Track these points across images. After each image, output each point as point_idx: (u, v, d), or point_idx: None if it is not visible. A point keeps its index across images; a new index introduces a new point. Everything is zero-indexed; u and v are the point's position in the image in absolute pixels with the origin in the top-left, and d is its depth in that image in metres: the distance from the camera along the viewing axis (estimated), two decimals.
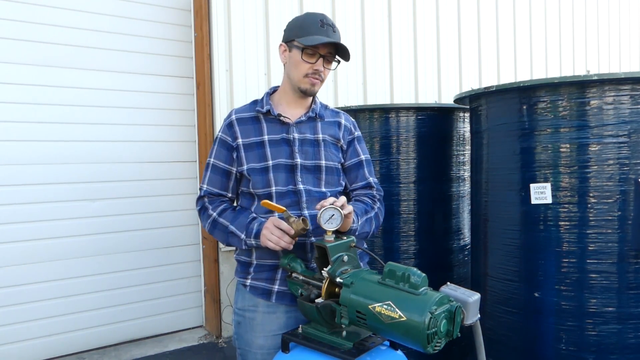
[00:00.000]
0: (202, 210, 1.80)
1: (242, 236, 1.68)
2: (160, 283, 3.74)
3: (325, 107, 1.89)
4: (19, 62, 3.22)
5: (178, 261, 3.82)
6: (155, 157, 3.69)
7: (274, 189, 1.69)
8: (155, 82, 3.68)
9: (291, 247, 1.59)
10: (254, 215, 1.71)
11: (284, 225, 1.56)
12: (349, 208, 1.59)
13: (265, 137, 1.74)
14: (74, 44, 3.39)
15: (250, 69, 3.77)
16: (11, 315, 3.22)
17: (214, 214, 1.75)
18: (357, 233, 1.70)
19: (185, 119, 3.81)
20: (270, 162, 1.70)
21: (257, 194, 1.72)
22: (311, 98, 1.83)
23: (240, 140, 1.74)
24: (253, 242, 1.66)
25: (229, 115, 1.81)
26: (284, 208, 1.57)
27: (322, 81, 1.75)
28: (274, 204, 1.59)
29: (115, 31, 3.52)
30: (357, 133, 1.90)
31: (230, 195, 1.80)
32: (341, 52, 1.73)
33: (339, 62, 1.77)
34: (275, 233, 1.57)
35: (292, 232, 1.56)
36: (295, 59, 1.72)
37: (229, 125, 1.78)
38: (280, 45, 1.78)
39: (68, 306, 3.40)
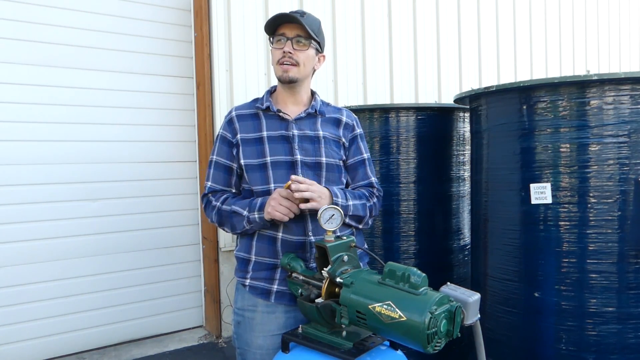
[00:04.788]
0: (207, 205, 1.82)
1: (245, 213, 1.68)
2: (160, 283, 3.74)
3: (327, 104, 1.89)
4: (19, 62, 3.22)
5: (178, 261, 3.82)
6: (156, 157, 3.69)
7: (272, 185, 1.69)
8: (156, 82, 3.68)
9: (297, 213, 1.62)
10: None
11: (292, 195, 1.59)
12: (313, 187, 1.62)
13: (264, 134, 1.74)
14: (74, 44, 3.39)
15: (250, 69, 3.77)
16: (11, 315, 3.22)
17: (217, 203, 1.77)
18: (350, 212, 1.71)
19: (185, 119, 3.82)
20: (269, 159, 1.71)
21: (255, 190, 1.72)
22: (305, 93, 1.83)
23: (239, 136, 1.75)
24: (257, 215, 1.65)
25: (230, 113, 1.82)
26: (288, 183, 1.60)
27: (297, 65, 1.72)
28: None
29: (116, 31, 3.52)
30: (359, 130, 1.90)
31: (234, 190, 1.81)
32: (314, 32, 1.71)
33: (319, 45, 1.76)
34: (283, 203, 1.59)
35: (299, 202, 1.59)
36: (271, 53, 1.77)
37: (229, 122, 1.79)
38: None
39: (68, 306, 3.40)
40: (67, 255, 3.39)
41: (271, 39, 1.75)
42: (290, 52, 1.70)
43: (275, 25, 1.73)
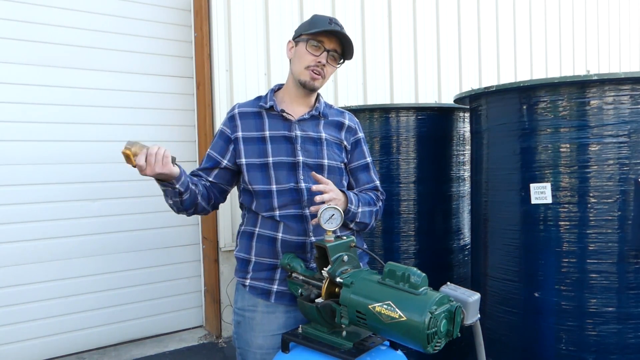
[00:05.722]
0: None
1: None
2: (160, 283, 3.74)
3: (330, 106, 1.89)
4: (19, 62, 3.22)
5: (178, 261, 3.81)
6: None
7: (274, 186, 1.69)
8: (155, 82, 3.68)
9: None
10: None
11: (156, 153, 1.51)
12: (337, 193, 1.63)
13: (267, 133, 1.74)
14: (74, 44, 3.38)
15: (250, 69, 3.77)
16: (11, 315, 3.22)
17: None
18: (357, 219, 1.72)
19: (185, 119, 3.81)
20: (271, 159, 1.70)
21: (255, 190, 1.72)
22: (314, 96, 1.83)
23: (240, 134, 1.75)
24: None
25: (232, 109, 1.82)
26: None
27: (323, 77, 1.74)
28: None
29: (115, 31, 3.52)
30: (361, 134, 1.91)
31: (210, 179, 1.79)
32: (346, 50, 1.73)
33: (343, 61, 1.77)
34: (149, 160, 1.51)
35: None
36: (300, 52, 1.73)
37: (230, 118, 1.79)
38: (288, 42, 1.80)
39: (68, 306, 3.40)
40: (67, 255, 3.39)
41: (307, 39, 1.70)
42: (324, 65, 1.71)
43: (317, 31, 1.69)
